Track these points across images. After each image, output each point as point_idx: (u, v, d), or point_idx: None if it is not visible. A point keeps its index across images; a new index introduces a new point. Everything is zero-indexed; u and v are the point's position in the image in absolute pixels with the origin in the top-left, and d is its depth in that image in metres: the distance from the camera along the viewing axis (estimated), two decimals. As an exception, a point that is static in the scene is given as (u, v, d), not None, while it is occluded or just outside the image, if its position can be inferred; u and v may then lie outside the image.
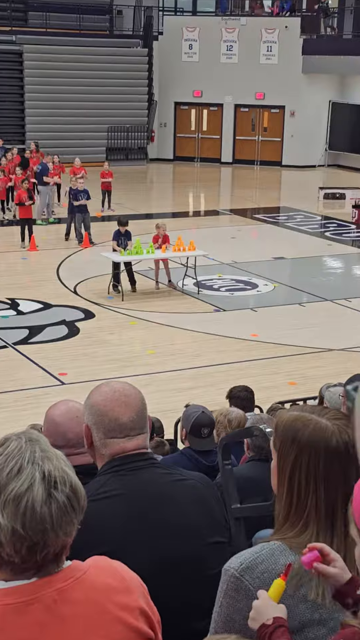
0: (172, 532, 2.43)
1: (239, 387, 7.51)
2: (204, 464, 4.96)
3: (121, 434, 2.49)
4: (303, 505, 2.02)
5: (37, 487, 1.70)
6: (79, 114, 31.52)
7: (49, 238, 20.14)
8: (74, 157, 23.85)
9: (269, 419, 4.93)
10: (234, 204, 26.30)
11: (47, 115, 30.95)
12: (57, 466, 1.74)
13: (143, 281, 16.28)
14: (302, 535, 2.01)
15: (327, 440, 2.00)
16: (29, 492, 1.70)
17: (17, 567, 1.74)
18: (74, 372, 11.73)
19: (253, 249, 19.79)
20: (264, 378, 11.52)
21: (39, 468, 1.72)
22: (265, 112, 34.26)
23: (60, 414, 3.13)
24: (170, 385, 11.31)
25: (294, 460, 2.02)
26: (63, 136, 30.85)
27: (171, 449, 6.84)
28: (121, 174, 28.49)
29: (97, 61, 31.62)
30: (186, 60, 34.07)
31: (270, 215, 24.09)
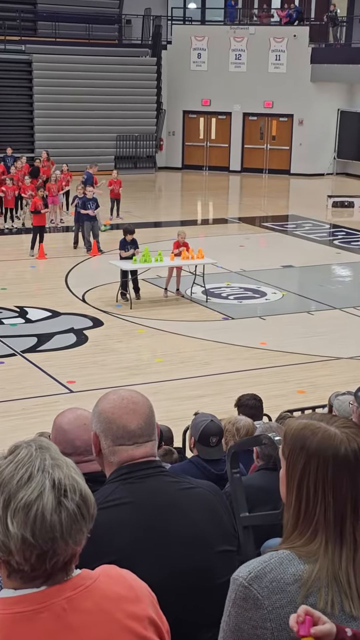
0: (181, 540, 2.42)
1: (248, 395, 7.49)
2: (212, 472, 4.95)
3: (129, 441, 2.48)
4: (312, 514, 2.01)
5: (47, 495, 1.70)
6: (88, 122, 31.61)
7: (57, 246, 20.18)
8: (82, 165, 23.92)
9: (278, 428, 4.92)
10: (243, 212, 26.30)
11: (56, 124, 31.05)
12: (67, 474, 1.74)
13: (151, 289, 16.29)
14: (311, 544, 2.00)
15: (335, 448, 1.99)
16: (39, 500, 1.69)
17: (26, 575, 1.74)
18: (83, 380, 11.73)
19: (261, 257, 19.78)
20: (272, 386, 11.49)
21: (49, 476, 1.72)
22: (274, 120, 34.30)
23: (68, 422, 3.13)
24: (178, 394, 11.30)
25: (302, 468, 2.01)
26: (72, 145, 30.94)
27: (179, 457, 6.83)
28: (130, 182, 28.55)
29: (106, 70, 31.73)
30: (195, 69, 34.15)
31: (279, 224, 24.08)
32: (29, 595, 1.74)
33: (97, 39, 32.86)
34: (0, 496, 1.70)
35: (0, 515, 1.70)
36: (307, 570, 1.95)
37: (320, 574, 1.96)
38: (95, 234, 19.53)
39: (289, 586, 1.95)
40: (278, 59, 33.27)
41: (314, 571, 1.96)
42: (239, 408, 7.30)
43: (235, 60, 33.74)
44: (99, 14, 33.42)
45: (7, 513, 1.69)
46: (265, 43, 33.19)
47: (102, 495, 2.40)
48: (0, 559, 1.74)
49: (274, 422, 5.70)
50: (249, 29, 33.72)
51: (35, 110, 31.12)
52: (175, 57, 33.96)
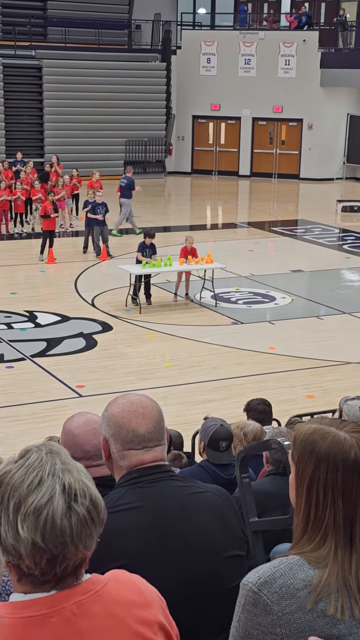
0: (191, 545, 2.42)
1: (257, 400, 7.49)
2: (222, 477, 4.94)
3: (139, 446, 2.48)
4: (321, 518, 2.00)
5: (57, 499, 1.70)
6: (98, 127, 31.68)
7: (67, 251, 20.21)
8: (92, 170, 23.97)
9: (288, 432, 4.91)
10: (252, 216, 26.30)
11: (66, 129, 31.13)
12: (77, 479, 1.74)
13: (160, 293, 16.30)
14: (321, 550, 2.00)
15: (345, 452, 1.99)
16: (49, 505, 1.69)
17: (36, 579, 1.74)
18: (92, 384, 11.74)
19: (270, 262, 19.77)
20: (281, 391, 11.48)
21: (59, 480, 1.72)
22: (283, 125, 34.30)
23: (78, 426, 3.13)
24: (187, 398, 11.29)
25: (312, 472, 2.01)
26: (81, 149, 31.00)
27: (188, 461, 6.83)
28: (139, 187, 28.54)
29: (116, 75, 31.79)
30: (204, 74, 34.19)
31: (288, 228, 24.07)
32: (39, 599, 1.75)
33: (106, 44, 32.93)
34: (11, 500, 1.71)
35: (11, 519, 1.70)
36: (317, 575, 1.95)
37: (330, 580, 1.95)
38: (105, 239, 19.56)
39: (298, 592, 1.94)
40: (287, 63, 33.28)
41: (324, 576, 1.95)
42: (248, 413, 7.30)
43: (244, 65, 33.76)
44: (109, 19, 33.50)
45: (18, 517, 1.69)
46: (274, 48, 33.21)
47: (111, 500, 2.40)
48: (11, 563, 1.74)
49: (283, 427, 5.69)
50: (259, 33, 33.74)
51: (45, 115, 31.20)
52: (185, 62, 34.01)
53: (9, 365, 12.48)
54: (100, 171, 24.07)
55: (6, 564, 1.76)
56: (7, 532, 1.70)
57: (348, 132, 33.84)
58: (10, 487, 1.72)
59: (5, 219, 22.08)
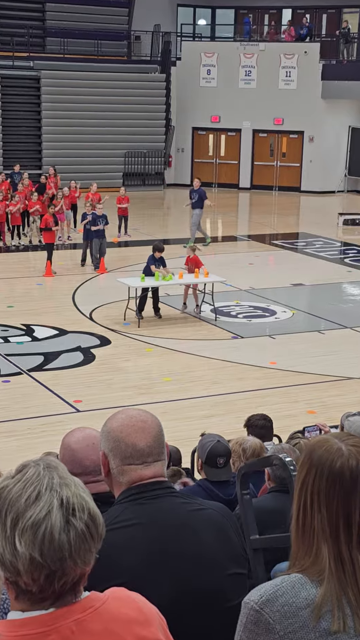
0: (191, 562, 2.42)
1: (257, 415, 7.48)
2: (220, 497, 4.91)
3: (138, 461, 2.48)
4: (310, 526, 2.02)
5: (55, 514, 1.70)
6: (96, 139, 31.78)
7: (64, 264, 20.23)
8: (91, 182, 24.04)
9: (290, 449, 4.90)
10: (252, 229, 26.34)
11: (64, 140, 31.22)
12: (75, 493, 1.74)
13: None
14: (318, 561, 2.00)
15: (332, 461, 2.01)
16: (47, 519, 1.69)
17: (34, 597, 1.73)
18: (89, 399, 11.73)
19: (271, 276, 19.80)
20: (282, 406, 11.48)
21: (57, 495, 1.71)
22: (284, 137, 34.41)
23: (76, 441, 3.13)
24: (186, 414, 11.28)
25: (303, 477, 2.05)
26: (80, 161, 31.10)
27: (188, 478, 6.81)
28: (138, 199, 28.64)
29: (115, 86, 31.92)
30: (204, 85, 34.33)
31: (289, 241, 24.11)
32: (37, 617, 1.74)
33: (105, 55, 33.08)
34: (8, 515, 1.70)
35: (8, 534, 1.70)
36: (319, 594, 1.94)
37: (330, 595, 1.95)
38: (103, 252, 19.59)
39: (301, 610, 1.94)
40: (288, 75, 33.42)
41: (324, 593, 1.95)
42: (249, 428, 7.29)
43: (245, 77, 33.90)
44: (108, 30, 33.66)
45: (15, 532, 1.69)
46: (275, 59, 33.36)
47: (111, 516, 2.39)
48: (8, 580, 1.74)
49: (285, 444, 5.68)
50: (259, 45, 33.90)
51: (43, 126, 31.29)
52: (185, 73, 34.15)
53: (5, 380, 12.47)
54: (98, 183, 24.15)
55: (4, 581, 1.75)
56: (4, 548, 1.70)
57: (350, 144, 33.96)
58: (7, 502, 1.71)
59: (2, 231, 22.12)
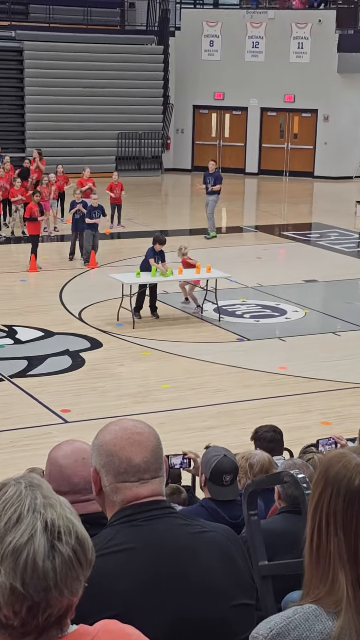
0: (192, 592, 2.41)
1: (266, 427, 7.49)
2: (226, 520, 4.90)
3: (134, 477, 2.48)
4: (326, 551, 2.01)
5: (38, 538, 1.69)
6: (86, 118, 31.78)
7: (50, 258, 20.23)
8: (80, 167, 24.03)
9: (303, 465, 4.89)
10: (260, 220, 26.35)
11: (50, 120, 31.22)
12: (61, 514, 1.73)
13: (157, 305, 16.27)
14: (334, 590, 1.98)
15: (350, 478, 2.01)
16: (29, 544, 1.68)
17: (16, 631, 1.72)
18: (79, 409, 11.74)
19: (281, 271, 19.80)
20: (294, 417, 11.49)
21: (41, 517, 1.71)
22: (296, 116, 34.42)
23: (64, 456, 3.13)
24: (187, 424, 11.30)
25: (318, 496, 2.04)
26: (67, 143, 31.09)
27: (188, 496, 6.82)
28: (133, 185, 28.63)
29: (107, 60, 31.91)
30: (206, 58, 34.34)
31: (301, 233, 24.11)
32: (18, 654, 1.73)
33: (96, 24, 33.09)
34: (-15, 541, 1.70)
35: (-14, 563, 1.69)
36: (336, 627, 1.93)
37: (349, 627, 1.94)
38: (95, 245, 19.58)
39: (315, 646, 1.93)
40: (300, 47, 33.42)
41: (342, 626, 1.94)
42: (256, 441, 7.29)
43: (252, 49, 33.91)
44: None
45: (-6, 560, 1.68)
46: (286, 29, 33.36)
47: (102, 540, 2.39)
48: (-13, 613, 1.73)
49: (297, 459, 5.67)
50: (268, 13, 33.91)
51: (27, 104, 31.29)
52: (185, 45, 34.16)
53: (-16, 387, 12.49)
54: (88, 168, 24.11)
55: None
56: (-19, 578, 1.69)
57: (369, 124, 33.99)
58: (-16, 526, 1.71)
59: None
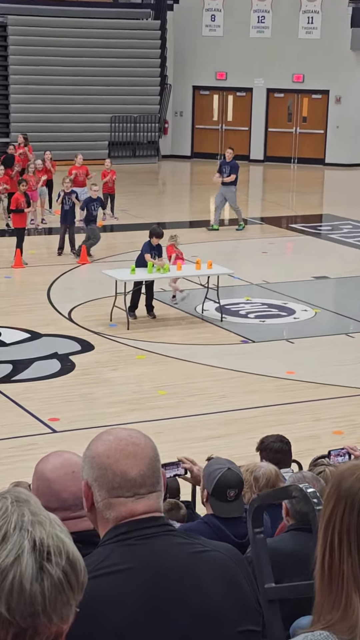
0: (193, 618, 2.41)
1: (272, 436, 7.50)
2: (231, 538, 4.90)
3: (129, 492, 2.48)
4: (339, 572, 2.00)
5: (26, 559, 1.68)
6: (76, 100, 31.77)
7: (37, 252, 20.24)
8: (69, 153, 24.02)
9: (313, 479, 4.89)
10: (266, 211, 26.35)
11: (37, 102, 31.21)
12: (50, 533, 1.72)
13: (153, 304, 16.28)
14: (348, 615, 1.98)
15: None
16: (15, 566, 1.68)
17: (0, 661, 1.73)
18: (68, 417, 11.74)
19: (289, 266, 19.81)
20: (303, 426, 11.49)
21: (29, 535, 1.70)
22: (305, 98, 34.44)
23: (52, 469, 3.13)
24: (187, 434, 11.30)
25: (330, 511, 2.03)
26: (56, 128, 31.09)
27: (188, 512, 6.82)
28: (127, 173, 28.64)
29: (98, 36, 31.91)
30: (207, 34, 34.35)
31: (311, 225, 24.12)
32: None
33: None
34: (-32, 561, 1.70)
35: (-32, 585, 1.69)
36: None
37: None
38: (97, 238, 19.34)
39: None
40: (310, 21, 33.44)
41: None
42: (262, 452, 7.30)
43: (257, 24, 33.92)
44: (90, -33, 33.71)
45: (-23, 582, 1.68)
46: (294, 2, 33.39)
47: (95, 560, 2.39)
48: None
49: (307, 471, 5.67)
50: (275, -15, 33.96)
51: (11, 85, 31.30)
52: (184, 20, 34.17)
53: (-35, 394, 12.49)
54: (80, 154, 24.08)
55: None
56: None
57: (384, 106, 34.03)
58: (-33, 545, 1.71)
59: None
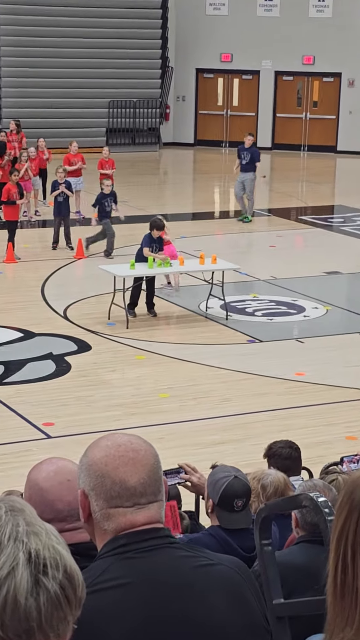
0: (196, 634, 2.42)
1: (281, 442, 7.51)
2: (239, 552, 4.90)
3: (128, 502, 2.48)
4: (352, 588, 1.99)
5: (20, 572, 1.68)
6: (72, 84, 31.75)
7: (31, 246, 20.24)
8: (64, 140, 24.02)
9: (324, 487, 4.89)
10: (274, 202, 26.35)
11: (29, 85, 31.21)
12: (47, 544, 1.72)
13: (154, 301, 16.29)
14: None
15: None
16: (9, 579, 1.68)
17: None
18: (64, 421, 11.74)
19: (298, 261, 19.81)
20: (313, 431, 11.50)
21: (24, 546, 1.70)
22: (316, 81, 34.43)
23: (46, 477, 3.13)
24: (190, 439, 11.30)
25: (343, 522, 2.01)
26: (50, 113, 31.09)
27: (191, 523, 6.81)
28: (126, 162, 28.64)
29: (95, 15, 31.90)
30: (212, 13, 34.33)
31: (322, 217, 24.13)
32: None
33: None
34: None
35: None
36: None
37: None
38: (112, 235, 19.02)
39: None
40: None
41: None
42: (270, 459, 7.31)
43: (265, 2, 33.90)
44: None
45: (-32, 597, 1.69)
46: (304, -20, 33.40)
47: (93, 574, 2.39)
48: None
49: (318, 480, 5.68)
50: None
51: (2, 67, 31.30)
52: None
53: None
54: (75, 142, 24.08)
55: None
56: None
57: None
58: None
59: None
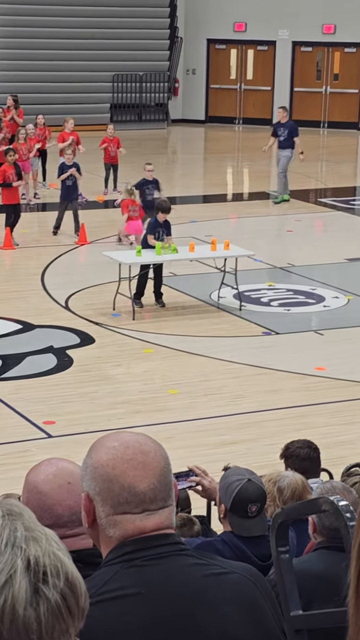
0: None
1: (299, 442, 7.52)
2: (253, 560, 4.90)
3: (137, 509, 2.47)
4: None
5: (19, 580, 1.69)
6: (73, 56, 31.75)
7: (30, 232, 20.25)
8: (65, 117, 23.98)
9: (344, 489, 4.89)
10: (291, 183, 26.26)
11: (27, 58, 31.20)
12: (47, 550, 1.73)
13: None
14: None
15: None
16: (7, 588, 1.68)
17: None
18: (65, 420, 11.76)
19: (317, 247, 19.79)
20: (334, 430, 11.50)
21: (22, 553, 1.71)
22: (337, 52, 34.36)
23: (46, 480, 3.11)
24: (200, 439, 11.31)
25: None
26: (50, 88, 31.08)
27: (202, 528, 6.82)
28: (132, 141, 28.62)
29: (99, -17, 31.90)
30: (224, -20, 34.30)
31: (343, 200, 24.10)
32: None
33: None
34: None
35: None
36: None
37: None
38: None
39: None
40: (342, -34, 33.40)
41: None
42: (287, 460, 7.32)
43: (281, -31, 33.87)
44: None
45: (-36, 607, 1.69)
46: None
47: (97, 583, 2.39)
48: None
49: (338, 482, 5.68)
50: None
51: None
52: (197, -36, 34.16)
53: None
54: (77, 119, 24.09)
55: None
56: None
57: None
58: None
59: None
